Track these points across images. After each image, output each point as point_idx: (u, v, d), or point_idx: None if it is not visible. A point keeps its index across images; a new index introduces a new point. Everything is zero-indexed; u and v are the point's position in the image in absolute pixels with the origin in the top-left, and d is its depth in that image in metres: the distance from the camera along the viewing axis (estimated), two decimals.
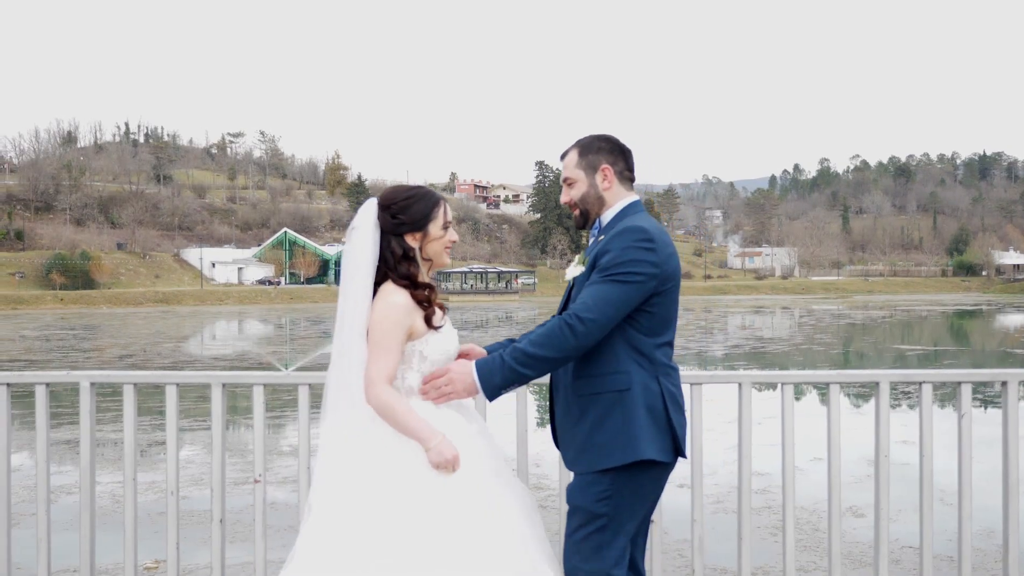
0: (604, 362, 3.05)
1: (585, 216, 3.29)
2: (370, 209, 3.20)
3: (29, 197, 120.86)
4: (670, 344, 3.16)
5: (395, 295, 3.05)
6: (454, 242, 3.25)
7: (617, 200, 3.27)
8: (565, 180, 3.31)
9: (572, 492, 3.11)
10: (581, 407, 3.08)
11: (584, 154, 3.26)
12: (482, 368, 3.05)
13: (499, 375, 3.03)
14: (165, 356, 27.77)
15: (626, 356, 3.04)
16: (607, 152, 3.27)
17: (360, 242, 3.15)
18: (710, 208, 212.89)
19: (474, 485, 2.96)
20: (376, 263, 3.13)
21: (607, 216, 3.27)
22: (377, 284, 3.11)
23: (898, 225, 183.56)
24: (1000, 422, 4.07)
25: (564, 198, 3.32)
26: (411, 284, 3.09)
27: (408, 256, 3.13)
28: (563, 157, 3.34)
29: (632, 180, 3.34)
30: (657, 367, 3.08)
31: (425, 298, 3.11)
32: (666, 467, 3.10)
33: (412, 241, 3.14)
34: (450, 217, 3.23)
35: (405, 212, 3.14)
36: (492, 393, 3.06)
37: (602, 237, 3.19)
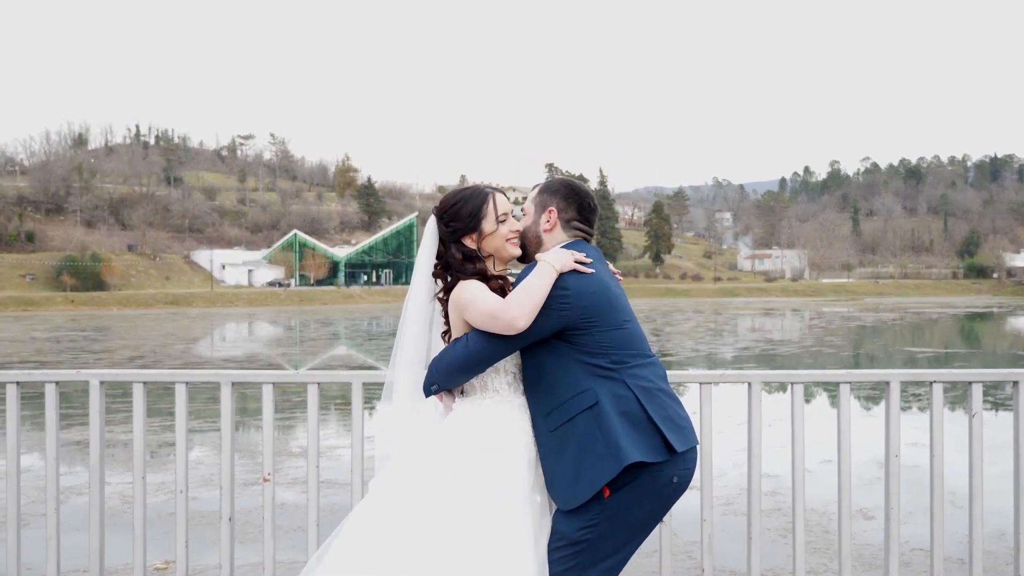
0: (560, 391, 2.99)
1: (524, 251, 3.25)
2: (431, 223, 3.25)
3: (40, 199, 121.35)
4: (633, 353, 3.07)
5: (469, 281, 3.11)
6: (515, 231, 3.22)
7: (554, 245, 3.20)
8: (523, 210, 3.32)
9: (556, 516, 3.03)
10: (559, 439, 2.99)
11: (542, 192, 3.25)
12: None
13: (427, 373, 3.16)
14: (175, 358, 27.83)
15: (584, 375, 2.98)
16: (561, 197, 3.23)
17: (419, 255, 3.25)
18: (720, 210, 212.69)
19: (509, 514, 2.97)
20: (430, 275, 3.23)
21: None
22: (448, 291, 3.18)
23: (909, 227, 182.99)
24: (1011, 424, 4.05)
25: (514, 226, 3.27)
26: (482, 279, 3.13)
27: (471, 257, 3.16)
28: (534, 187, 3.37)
29: (584, 232, 3.25)
30: (622, 372, 3.00)
31: (500, 287, 3.15)
32: (661, 468, 2.95)
33: (470, 243, 3.17)
34: (504, 209, 3.20)
35: (456, 218, 3.17)
36: (426, 392, 3.16)
37: None
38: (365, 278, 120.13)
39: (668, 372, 3.29)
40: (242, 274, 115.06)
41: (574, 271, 2.99)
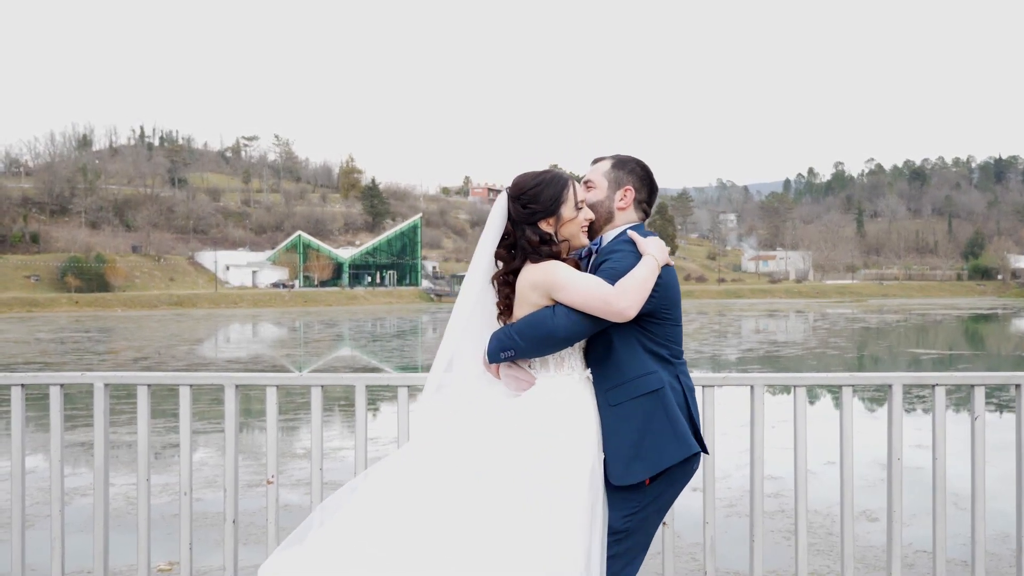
0: (629, 369, 3.07)
1: (590, 226, 3.28)
2: (499, 201, 3.20)
3: (44, 200, 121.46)
4: (681, 351, 3.22)
5: (558, 263, 3.09)
6: (590, 220, 3.22)
7: (624, 223, 3.28)
8: (586, 182, 3.32)
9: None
10: (619, 416, 3.06)
11: (617, 168, 3.30)
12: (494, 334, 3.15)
13: (495, 340, 3.12)
14: (179, 359, 27.85)
15: (650, 359, 3.09)
16: (637, 177, 3.30)
17: (485, 234, 3.18)
18: (724, 212, 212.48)
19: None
20: (492, 257, 3.18)
21: (608, 235, 3.28)
22: (515, 272, 3.14)
23: (913, 229, 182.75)
24: (1015, 426, 4.05)
25: (588, 215, 3.26)
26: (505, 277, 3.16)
27: (546, 241, 3.12)
28: (595, 162, 3.37)
29: (647, 215, 3.36)
30: (675, 367, 3.14)
31: (574, 264, 3.17)
32: (691, 461, 3.12)
33: (547, 227, 3.13)
34: (581, 197, 3.20)
35: (536, 200, 3.12)
36: (491, 357, 3.13)
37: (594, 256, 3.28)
38: (369, 279, 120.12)
39: None
40: (246, 275, 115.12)
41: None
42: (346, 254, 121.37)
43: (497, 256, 3.18)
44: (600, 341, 3.11)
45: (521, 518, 2.86)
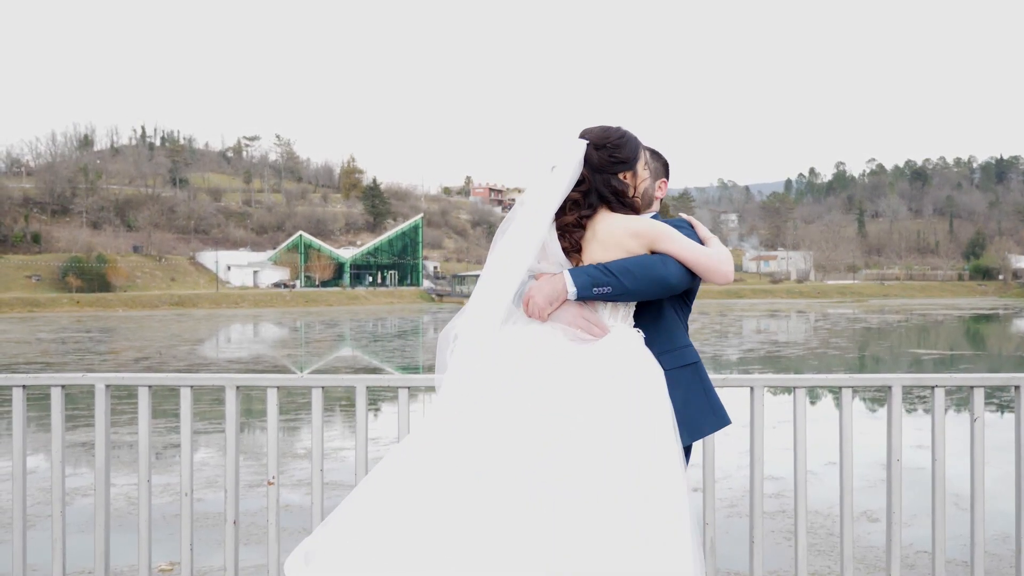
0: (676, 338, 3.21)
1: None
2: (577, 148, 3.09)
3: (46, 200, 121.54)
4: None
5: (632, 216, 3.12)
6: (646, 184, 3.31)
7: (653, 212, 3.45)
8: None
9: None
10: (667, 381, 3.02)
11: (655, 159, 3.44)
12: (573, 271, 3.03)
13: (583, 275, 2.99)
14: (180, 359, 27.87)
15: (686, 333, 3.28)
16: (665, 172, 3.50)
17: (557, 180, 3.05)
18: (725, 212, 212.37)
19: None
20: (560, 201, 3.05)
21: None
22: (590, 217, 3.07)
23: (914, 229, 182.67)
24: (1014, 427, 4.06)
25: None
26: (634, 213, 3.16)
27: (627, 192, 3.12)
28: None
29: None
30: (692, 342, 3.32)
31: None
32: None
33: (625, 180, 3.13)
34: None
35: (620, 150, 3.12)
36: (581, 291, 2.96)
37: None
38: (370, 279, 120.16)
39: None
40: (247, 275, 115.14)
41: None
42: (347, 254, 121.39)
43: (572, 200, 3.07)
44: (653, 305, 3.18)
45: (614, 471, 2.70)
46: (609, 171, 3.09)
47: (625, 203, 3.11)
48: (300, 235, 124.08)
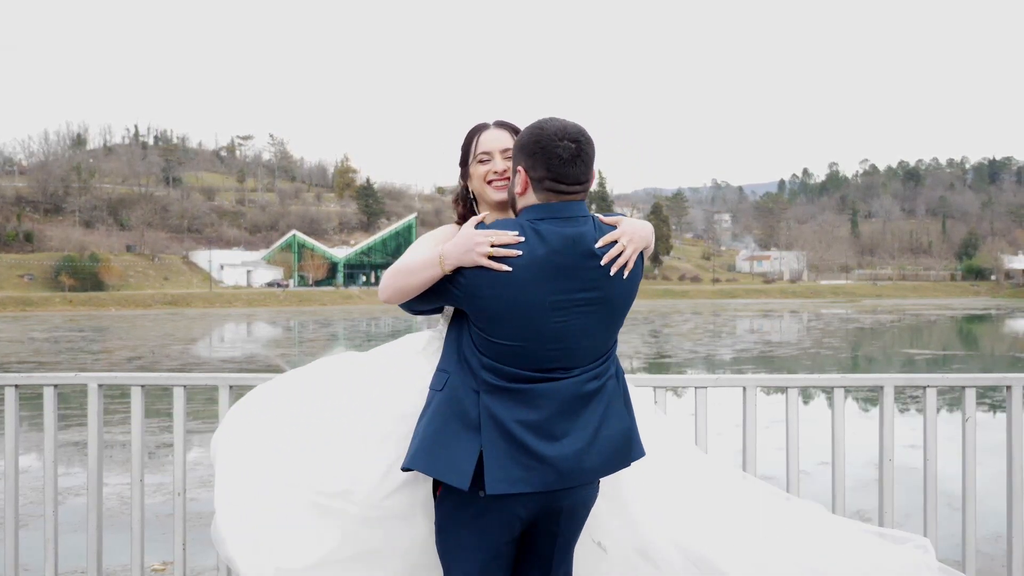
0: (444, 359, 2.74)
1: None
2: None
3: (38, 199, 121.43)
4: (514, 369, 2.60)
5: (442, 227, 2.98)
6: (496, 173, 2.86)
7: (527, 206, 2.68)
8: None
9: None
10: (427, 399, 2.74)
11: (514, 146, 2.72)
12: None
13: None
14: (173, 358, 27.82)
15: (453, 358, 2.69)
16: (527, 152, 2.62)
17: None
18: (719, 212, 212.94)
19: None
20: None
21: None
22: None
23: (907, 229, 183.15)
24: (1005, 428, 4.07)
25: (495, 177, 2.90)
26: (462, 224, 2.88)
27: (460, 198, 2.99)
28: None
29: (558, 191, 2.62)
30: (486, 385, 2.60)
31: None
32: (497, 501, 2.60)
33: (469, 184, 2.96)
34: (488, 147, 2.87)
35: (460, 156, 2.97)
36: None
37: None
38: (364, 279, 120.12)
39: (666, 374, 3.29)
40: (241, 275, 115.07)
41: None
42: (341, 253, 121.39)
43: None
44: (454, 318, 2.77)
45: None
46: (461, 177, 3.00)
47: (458, 213, 3.00)
48: (294, 234, 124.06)
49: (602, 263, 2.59)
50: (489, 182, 2.86)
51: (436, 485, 2.70)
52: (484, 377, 2.59)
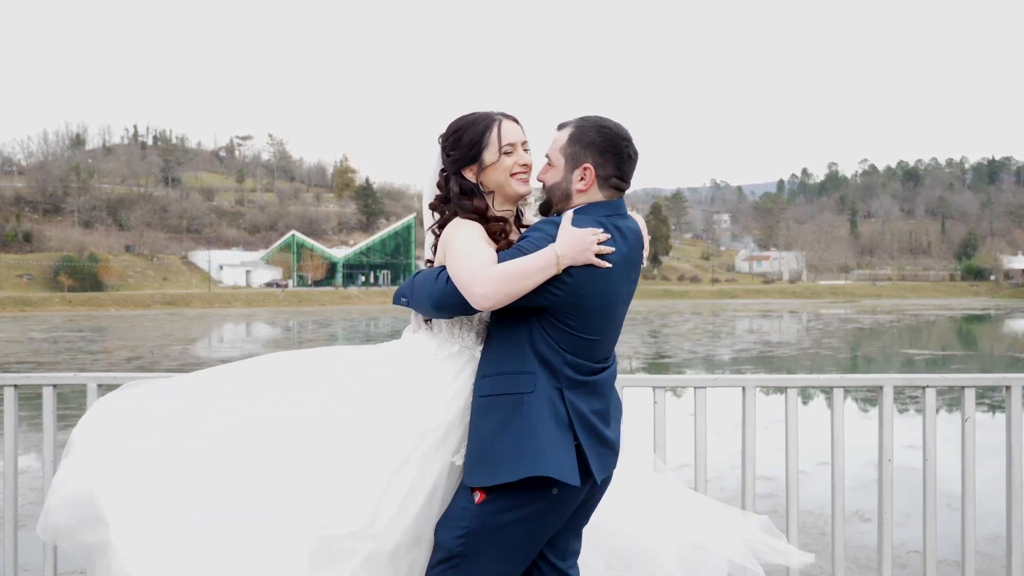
0: (510, 361, 2.72)
1: (548, 206, 2.93)
2: (433, 151, 2.96)
3: (37, 199, 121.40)
4: (590, 363, 2.78)
5: (465, 221, 2.81)
6: (525, 166, 2.88)
7: (584, 202, 2.83)
8: (546, 156, 2.93)
9: (438, 523, 2.75)
10: (482, 409, 2.73)
11: (574, 142, 2.83)
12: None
13: (407, 282, 2.96)
14: (173, 359, 27.82)
15: (533, 359, 2.71)
16: (598, 151, 2.80)
17: (424, 186, 3.01)
18: (718, 212, 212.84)
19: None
20: (430, 210, 2.97)
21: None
22: (443, 226, 2.88)
23: (906, 229, 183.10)
24: (1004, 428, 4.07)
25: (540, 174, 2.93)
26: (480, 218, 2.82)
27: (469, 192, 2.85)
28: (559, 129, 2.94)
29: (620, 189, 2.86)
30: (567, 382, 2.73)
31: (500, 229, 2.84)
32: (564, 492, 2.71)
33: (471, 175, 2.85)
34: (511, 139, 2.85)
35: (457, 146, 2.85)
36: (395, 297, 3.00)
37: None
38: (363, 279, 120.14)
39: (665, 374, 3.30)
40: (240, 275, 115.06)
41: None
42: (340, 254, 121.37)
43: (432, 207, 2.96)
44: (495, 320, 2.80)
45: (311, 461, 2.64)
46: (452, 171, 2.89)
47: (462, 206, 2.84)
48: (293, 235, 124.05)
49: (644, 254, 2.92)
50: (513, 175, 2.86)
51: (474, 490, 2.70)
52: (567, 373, 2.72)
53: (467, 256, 2.66)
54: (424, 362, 2.84)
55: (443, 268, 2.76)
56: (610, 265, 2.69)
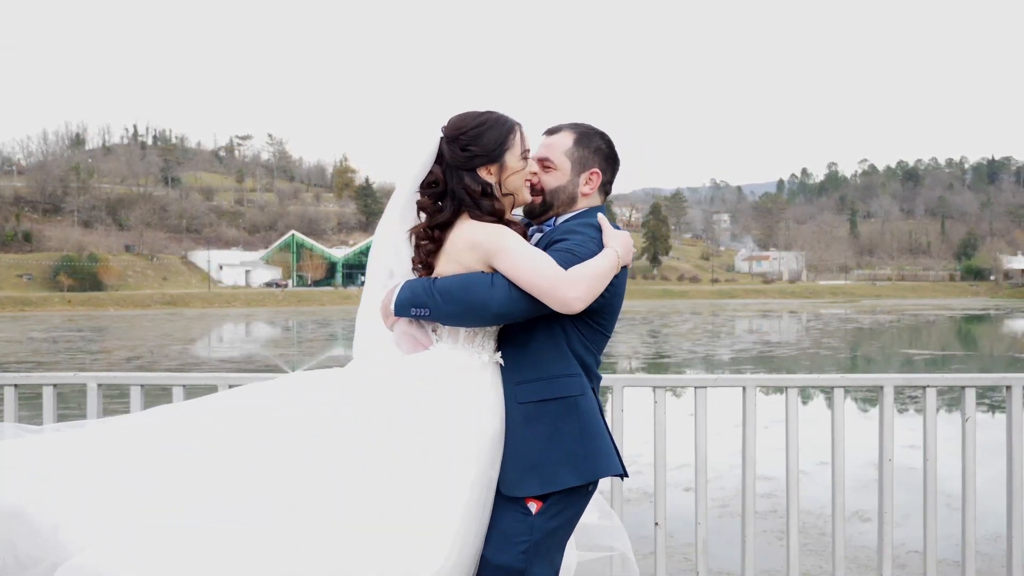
0: (547, 366, 2.70)
1: (546, 209, 2.89)
2: (428, 141, 2.76)
3: (37, 199, 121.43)
4: (600, 359, 2.87)
5: (497, 225, 2.70)
6: (535, 174, 2.84)
7: (585, 208, 2.88)
8: (544, 161, 2.88)
9: (490, 545, 2.65)
10: (527, 416, 2.68)
11: (581, 145, 2.88)
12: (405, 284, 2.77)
13: (407, 291, 2.74)
14: (172, 358, 27.81)
15: (574, 361, 2.72)
16: (603, 158, 2.91)
17: (401, 180, 2.83)
18: (718, 212, 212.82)
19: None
20: (412, 202, 2.81)
21: (565, 216, 2.89)
22: (443, 226, 2.77)
23: (906, 229, 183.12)
24: (1004, 428, 4.07)
25: (533, 178, 2.86)
26: (498, 220, 2.73)
27: (487, 193, 2.71)
28: (551, 133, 2.93)
29: (608, 193, 2.97)
30: (594, 380, 2.80)
31: (522, 232, 2.80)
32: (591, 490, 2.77)
33: (487, 175, 2.72)
34: (528, 145, 2.80)
35: (477, 142, 2.70)
36: (398, 309, 2.74)
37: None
38: (363, 279, 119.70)
39: (665, 374, 3.29)
40: (239, 274, 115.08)
41: None
42: (340, 254, 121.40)
43: (421, 206, 2.79)
44: (519, 325, 2.71)
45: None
46: (465, 168, 2.71)
47: (481, 206, 2.71)
48: (292, 234, 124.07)
49: None
50: (527, 181, 2.82)
51: (528, 501, 2.65)
52: (596, 372, 2.83)
53: (535, 258, 2.60)
54: (459, 375, 2.70)
55: (493, 274, 2.63)
56: (630, 264, 2.83)
